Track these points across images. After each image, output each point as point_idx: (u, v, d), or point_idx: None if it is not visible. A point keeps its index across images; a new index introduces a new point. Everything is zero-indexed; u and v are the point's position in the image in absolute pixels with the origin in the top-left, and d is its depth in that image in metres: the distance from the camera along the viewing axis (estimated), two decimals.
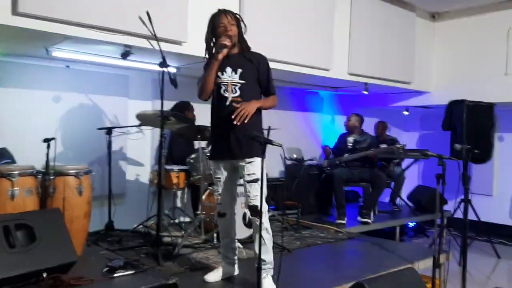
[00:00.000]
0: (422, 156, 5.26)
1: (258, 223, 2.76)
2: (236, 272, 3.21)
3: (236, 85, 2.97)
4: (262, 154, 2.66)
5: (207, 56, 3.07)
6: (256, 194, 2.87)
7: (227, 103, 2.96)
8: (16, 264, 2.47)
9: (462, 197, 5.91)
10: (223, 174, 3.07)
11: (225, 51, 2.91)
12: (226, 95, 2.97)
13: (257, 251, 2.82)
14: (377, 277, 2.90)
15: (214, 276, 3.13)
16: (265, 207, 2.86)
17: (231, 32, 2.95)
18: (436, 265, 3.33)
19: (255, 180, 2.91)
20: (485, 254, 6.14)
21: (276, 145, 2.47)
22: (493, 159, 6.98)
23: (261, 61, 3.06)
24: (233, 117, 2.81)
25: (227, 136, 2.95)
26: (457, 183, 5.67)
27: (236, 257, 3.22)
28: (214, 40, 3.01)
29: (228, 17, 2.98)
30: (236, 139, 2.93)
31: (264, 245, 2.85)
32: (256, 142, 2.77)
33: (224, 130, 2.95)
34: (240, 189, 4.23)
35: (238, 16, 3.06)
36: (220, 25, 2.97)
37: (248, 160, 2.94)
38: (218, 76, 3.00)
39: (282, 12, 4.72)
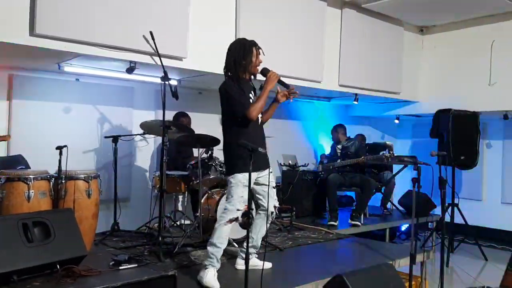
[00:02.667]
0: (399, 162, 5.57)
1: (271, 218, 3.57)
2: None
3: None
4: None
5: (229, 74, 3.48)
6: (276, 197, 3.62)
7: (259, 122, 3.56)
8: (33, 257, 2.79)
9: (452, 201, 6.25)
10: (253, 183, 3.44)
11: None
12: (259, 116, 3.53)
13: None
14: (355, 271, 3.20)
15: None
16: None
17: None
18: (413, 261, 3.62)
19: (275, 187, 3.64)
20: (473, 256, 6.41)
21: (261, 152, 2.79)
22: (481, 165, 7.28)
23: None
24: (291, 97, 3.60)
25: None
26: (448, 189, 5.98)
27: None
28: (243, 64, 3.43)
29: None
30: (264, 153, 3.42)
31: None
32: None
33: (258, 145, 3.22)
34: None
35: None
36: (257, 61, 3.48)
37: (269, 169, 3.52)
38: (250, 97, 3.51)
39: (275, 27, 5.06)
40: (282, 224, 5.36)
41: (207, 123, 5.90)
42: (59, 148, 3.67)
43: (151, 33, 3.86)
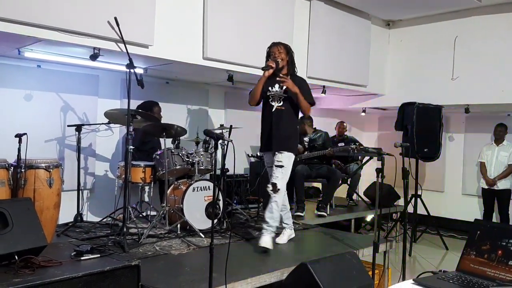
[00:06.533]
0: (365, 153, 5.68)
1: (272, 196, 3.87)
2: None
3: (281, 97, 3.98)
4: (293, 151, 3.94)
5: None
6: (278, 175, 3.91)
7: (273, 110, 4.00)
8: None
9: (415, 193, 6.41)
10: (268, 161, 4.12)
11: (271, 70, 3.88)
12: (273, 104, 4.00)
13: (265, 214, 3.93)
14: (319, 259, 3.24)
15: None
16: (282, 186, 3.89)
17: (278, 58, 3.95)
18: (376, 250, 3.69)
19: (280, 166, 3.93)
20: (435, 245, 6.62)
21: (227, 140, 2.79)
22: (444, 158, 7.51)
23: (301, 81, 4.06)
24: (278, 79, 3.90)
25: (270, 134, 4.00)
26: (413, 181, 6.14)
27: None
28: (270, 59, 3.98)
29: (278, 47, 4.00)
30: (274, 136, 3.96)
31: (271, 213, 3.88)
32: (288, 139, 3.94)
33: (269, 129, 4.02)
34: (202, 183, 4.58)
35: (288, 47, 4.05)
36: (271, 53, 4.00)
37: (280, 152, 3.95)
38: (268, 90, 4.00)
39: (244, 20, 5.03)
40: (249, 215, 5.37)
41: (174, 113, 5.85)
42: (18, 136, 3.56)
43: (115, 19, 3.76)
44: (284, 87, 3.96)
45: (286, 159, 3.95)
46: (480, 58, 6.16)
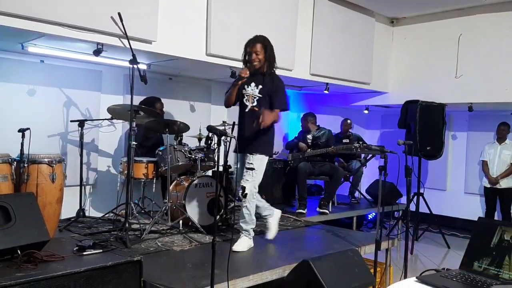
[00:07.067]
0: (368, 151, 5.67)
1: (242, 201, 3.75)
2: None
3: (255, 97, 3.83)
4: (265, 153, 3.77)
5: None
6: (248, 179, 3.74)
7: (247, 110, 3.85)
8: None
9: (418, 191, 6.40)
10: (240, 163, 3.91)
11: (244, 79, 3.67)
12: (247, 104, 3.85)
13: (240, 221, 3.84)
14: (321, 256, 3.24)
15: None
16: (251, 190, 3.72)
17: (255, 60, 3.74)
18: (378, 248, 3.69)
19: (251, 168, 3.75)
20: (437, 244, 6.61)
21: (230, 137, 2.78)
22: (446, 156, 7.50)
23: (277, 84, 3.87)
24: (255, 123, 3.66)
25: (243, 134, 3.85)
26: (415, 179, 6.13)
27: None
28: (246, 59, 3.81)
29: (255, 46, 3.77)
30: (246, 137, 3.80)
31: (243, 218, 3.81)
32: (261, 142, 3.76)
33: (242, 130, 3.88)
34: (205, 180, 4.58)
35: (266, 43, 3.80)
36: (250, 52, 3.78)
37: (251, 154, 3.76)
38: (244, 88, 3.84)
39: (247, 17, 5.01)
40: None
41: (177, 109, 5.85)
42: (22, 131, 3.57)
43: (119, 14, 3.75)
44: (260, 87, 3.82)
45: (257, 161, 3.77)
46: (484, 56, 6.13)
